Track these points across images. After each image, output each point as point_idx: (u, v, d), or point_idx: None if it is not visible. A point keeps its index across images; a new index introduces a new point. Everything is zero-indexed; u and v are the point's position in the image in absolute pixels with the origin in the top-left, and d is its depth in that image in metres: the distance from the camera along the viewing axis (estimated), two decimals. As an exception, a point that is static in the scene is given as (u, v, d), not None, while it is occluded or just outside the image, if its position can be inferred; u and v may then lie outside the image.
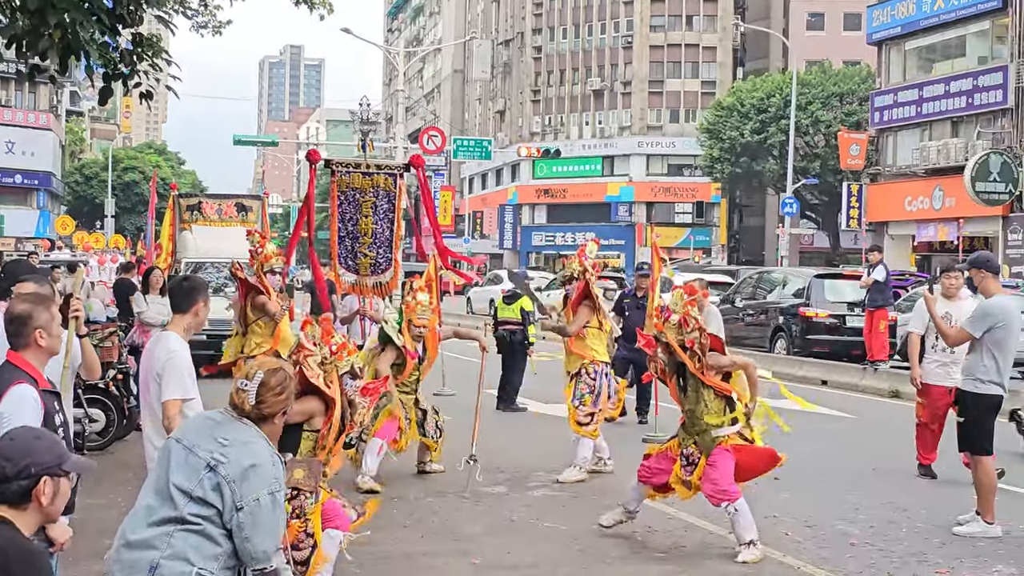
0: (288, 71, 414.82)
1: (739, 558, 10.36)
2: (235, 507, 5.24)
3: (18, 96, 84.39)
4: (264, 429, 5.56)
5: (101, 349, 15.88)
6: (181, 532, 5.22)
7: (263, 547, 5.33)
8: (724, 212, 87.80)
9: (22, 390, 6.32)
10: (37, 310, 6.57)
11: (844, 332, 27.93)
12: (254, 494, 5.28)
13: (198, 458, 5.33)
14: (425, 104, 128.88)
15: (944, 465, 14.42)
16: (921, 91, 54.27)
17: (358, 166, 14.49)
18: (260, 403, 5.54)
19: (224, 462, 5.29)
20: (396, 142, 55.03)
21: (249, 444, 5.41)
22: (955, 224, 45.95)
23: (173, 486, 5.29)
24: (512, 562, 10.34)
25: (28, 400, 6.30)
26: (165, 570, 5.16)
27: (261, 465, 5.37)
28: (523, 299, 20.69)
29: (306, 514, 8.61)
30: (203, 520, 5.24)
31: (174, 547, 5.19)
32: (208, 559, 5.22)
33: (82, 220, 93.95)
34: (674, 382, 11.03)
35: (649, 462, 11.23)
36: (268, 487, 5.34)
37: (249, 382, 5.56)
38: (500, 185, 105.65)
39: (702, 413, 10.76)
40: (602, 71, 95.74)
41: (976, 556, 10.79)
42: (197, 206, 26.56)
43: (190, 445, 5.40)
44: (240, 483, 5.26)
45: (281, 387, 5.60)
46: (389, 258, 14.33)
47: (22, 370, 6.43)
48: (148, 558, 5.19)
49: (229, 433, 5.43)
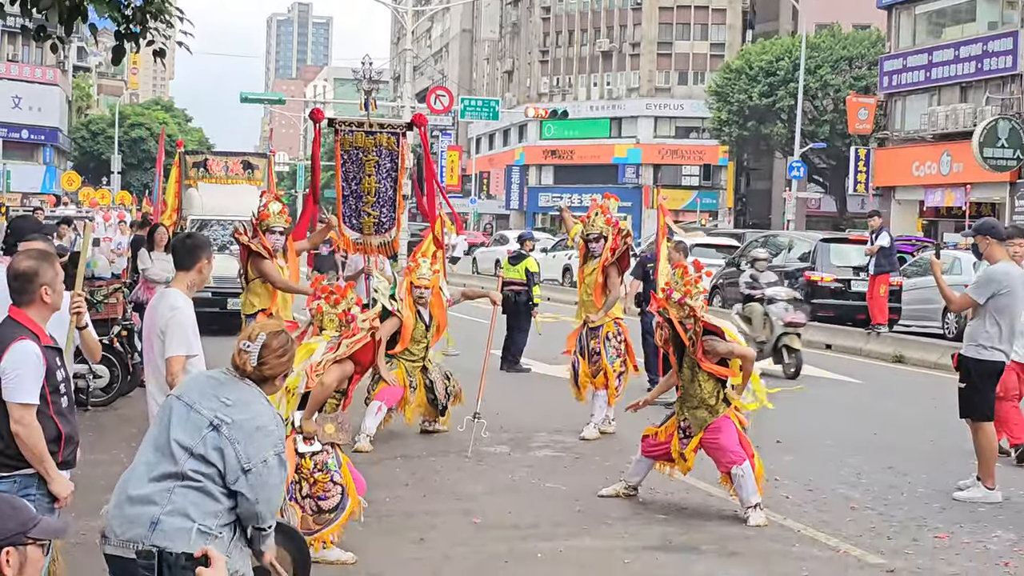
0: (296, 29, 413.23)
1: (750, 521, 10.41)
2: (241, 469, 5.28)
3: (25, 51, 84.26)
4: (265, 390, 5.59)
5: (105, 305, 15.91)
6: (181, 488, 5.25)
7: (269, 507, 5.39)
8: (731, 175, 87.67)
9: (25, 346, 6.35)
10: (43, 267, 6.57)
11: (849, 296, 27.88)
12: (261, 456, 5.33)
13: (201, 416, 5.36)
14: (433, 63, 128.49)
15: (944, 431, 14.44)
16: (930, 56, 54.02)
17: (361, 125, 14.45)
18: (262, 365, 5.57)
19: (228, 423, 5.33)
20: (403, 101, 54.82)
21: (252, 405, 5.45)
22: (962, 190, 45.79)
23: (174, 442, 5.32)
24: (513, 522, 10.38)
25: (31, 356, 6.33)
26: (165, 525, 5.19)
27: (266, 426, 5.42)
28: (527, 260, 20.69)
29: (329, 467, 8.88)
30: (203, 477, 5.27)
31: (174, 503, 5.23)
32: (208, 515, 5.25)
33: (88, 176, 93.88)
34: (675, 355, 11.05)
35: (649, 440, 11.26)
36: (274, 448, 5.40)
37: (251, 343, 5.58)
38: (507, 146, 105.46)
39: (696, 392, 10.81)
40: (611, 32, 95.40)
41: (975, 521, 10.82)
42: (203, 163, 26.53)
43: (191, 403, 5.42)
44: (246, 445, 5.30)
45: (283, 349, 5.62)
46: (392, 217, 14.31)
47: (24, 326, 6.45)
48: (149, 513, 5.22)
49: (232, 393, 5.46)
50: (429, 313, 14.13)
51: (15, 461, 6.32)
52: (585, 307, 14.72)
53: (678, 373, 10.98)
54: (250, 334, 5.59)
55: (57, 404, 6.49)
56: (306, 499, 8.84)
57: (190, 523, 5.20)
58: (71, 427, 6.61)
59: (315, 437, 8.83)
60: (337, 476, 8.95)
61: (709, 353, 10.66)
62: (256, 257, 13.15)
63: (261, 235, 13.29)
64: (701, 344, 10.63)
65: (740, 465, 10.59)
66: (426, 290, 13.91)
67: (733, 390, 10.87)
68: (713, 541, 9.91)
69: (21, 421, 6.25)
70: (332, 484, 8.90)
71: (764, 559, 9.44)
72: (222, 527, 5.29)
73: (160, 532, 5.19)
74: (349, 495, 9.01)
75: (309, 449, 8.82)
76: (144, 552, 5.11)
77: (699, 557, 9.49)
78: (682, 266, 11.04)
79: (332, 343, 9.04)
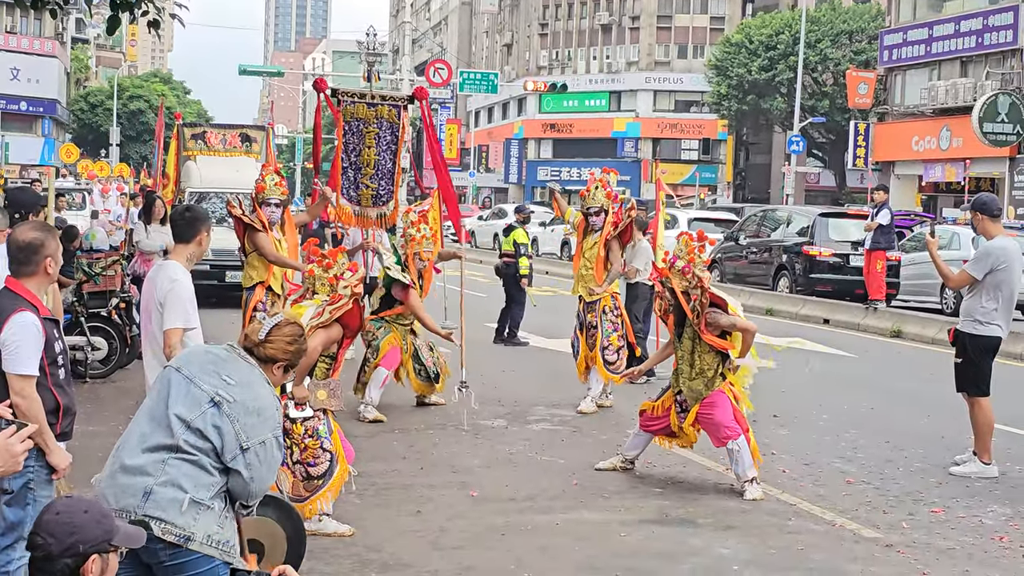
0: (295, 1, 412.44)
1: (747, 496, 10.46)
2: (240, 447, 5.31)
3: (23, 23, 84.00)
4: (268, 373, 5.60)
5: (104, 278, 15.91)
6: (175, 459, 5.27)
7: (262, 486, 5.43)
8: (730, 149, 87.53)
9: (24, 317, 6.37)
10: (48, 238, 6.59)
11: (847, 271, 27.89)
12: (260, 437, 5.36)
13: (201, 391, 5.37)
14: (432, 36, 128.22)
15: (941, 405, 14.46)
16: (931, 30, 53.92)
17: (363, 96, 14.44)
18: (267, 342, 5.60)
19: (230, 401, 5.35)
20: (402, 74, 54.74)
21: (254, 386, 5.47)
22: (962, 164, 45.76)
23: (173, 415, 5.33)
24: (510, 495, 10.41)
25: (30, 327, 6.35)
26: (158, 495, 5.21)
27: (266, 408, 5.44)
28: (516, 231, 20.61)
29: (319, 433, 8.93)
30: (197, 451, 5.29)
31: (168, 474, 5.25)
32: (200, 487, 5.27)
33: (87, 148, 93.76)
34: (673, 325, 11.03)
35: (647, 415, 11.27)
36: (272, 431, 5.43)
37: (269, 318, 5.64)
38: (506, 119, 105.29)
39: (695, 363, 10.79)
40: (610, 5, 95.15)
41: (971, 496, 10.86)
42: (201, 135, 26.50)
43: (191, 376, 5.43)
44: (246, 425, 5.33)
45: (293, 338, 5.66)
46: (390, 190, 14.30)
47: (23, 297, 6.46)
48: (142, 484, 5.24)
49: (234, 372, 5.47)
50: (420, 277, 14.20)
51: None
52: (584, 281, 14.67)
53: (676, 344, 10.96)
54: (272, 312, 5.65)
55: (55, 376, 6.52)
56: (296, 465, 8.88)
57: (183, 494, 5.22)
58: (68, 399, 6.63)
59: (306, 403, 8.87)
60: (327, 443, 8.99)
61: (711, 325, 10.67)
62: (251, 230, 13.14)
63: (258, 208, 13.28)
64: (705, 316, 10.64)
65: (735, 440, 10.61)
66: (424, 261, 14.02)
67: (731, 363, 10.86)
68: (710, 515, 9.94)
69: (21, 393, 6.27)
70: (322, 451, 8.94)
71: (760, 533, 9.47)
72: (213, 498, 5.32)
73: (153, 502, 5.21)
74: (338, 462, 9.04)
75: (300, 415, 8.85)
76: (137, 522, 5.12)
77: (696, 531, 9.51)
78: (687, 235, 11.00)
79: (319, 308, 9.05)
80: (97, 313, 15.66)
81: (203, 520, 5.26)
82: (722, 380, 10.81)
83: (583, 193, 14.77)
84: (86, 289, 15.70)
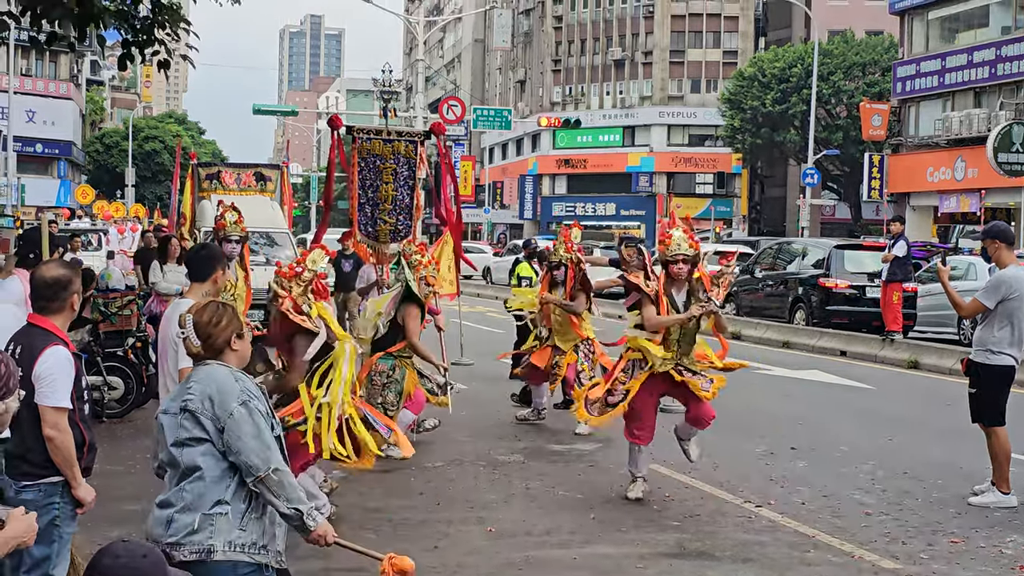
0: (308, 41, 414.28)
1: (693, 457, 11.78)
2: (218, 430, 5.46)
3: (39, 65, 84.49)
4: (228, 360, 5.70)
5: (119, 317, 15.96)
6: (189, 484, 5.47)
7: (253, 455, 5.45)
8: (745, 183, 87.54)
9: (58, 351, 6.42)
10: (74, 276, 6.71)
11: (863, 303, 27.85)
12: (227, 411, 5.47)
13: (176, 411, 5.56)
14: (445, 74, 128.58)
15: (958, 436, 14.41)
16: (944, 61, 53.98)
17: (379, 132, 14.50)
18: (206, 340, 5.68)
19: (191, 398, 5.51)
20: (416, 112, 54.93)
21: (210, 376, 5.60)
22: (977, 195, 45.70)
23: (172, 447, 5.54)
24: (527, 530, 10.38)
25: (63, 361, 6.42)
26: (178, 522, 5.43)
27: (222, 383, 5.55)
28: (521, 265, 20.62)
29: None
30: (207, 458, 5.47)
31: (184, 499, 5.46)
32: (213, 497, 5.44)
33: (103, 189, 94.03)
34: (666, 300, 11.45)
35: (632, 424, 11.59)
36: (237, 399, 5.52)
37: (184, 330, 5.72)
38: (520, 155, 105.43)
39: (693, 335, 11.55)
40: (623, 41, 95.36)
41: (990, 526, 10.81)
42: (216, 175, 26.56)
43: (169, 409, 5.63)
44: (212, 407, 5.47)
45: (215, 317, 5.72)
46: (408, 225, 14.35)
47: (53, 333, 6.52)
48: (166, 515, 5.47)
49: (194, 376, 5.64)
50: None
51: (40, 469, 6.37)
52: (556, 334, 15.59)
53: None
54: (181, 323, 5.71)
55: (82, 411, 6.60)
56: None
57: (194, 515, 5.41)
58: (92, 434, 6.69)
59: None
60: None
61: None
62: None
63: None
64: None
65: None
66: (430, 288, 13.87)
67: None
68: (728, 548, 9.91)
69: (56, 426, 6.31)
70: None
71: (779, 565, 9.43)
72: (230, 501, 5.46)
73: (173, 529, 5.42)
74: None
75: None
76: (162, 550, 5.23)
77: (714, 563, 9.49)
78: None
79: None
80: (113, 353, 15.70)
81: (221, 528, 5.40)
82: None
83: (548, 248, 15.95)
84: (102, 329, 15.74)
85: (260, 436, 5.49)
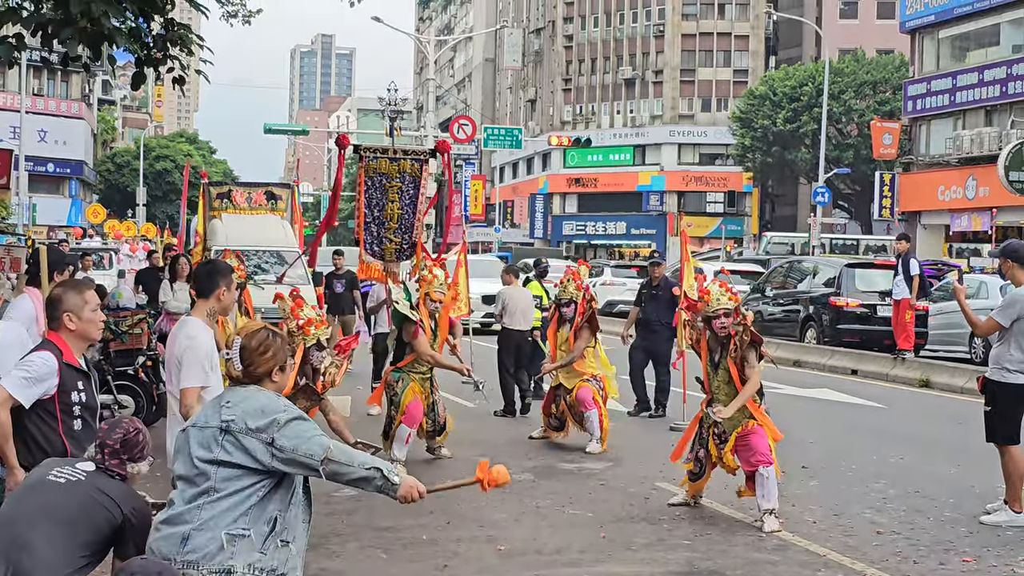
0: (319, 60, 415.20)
1: (764, 528, 10.89)
2: (267, 444, 5.34)
3: (50, 85, 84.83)
4: (268, 387, 5.62)
5: (130, 336, 15.96)
6: (209, 503, 5.35)
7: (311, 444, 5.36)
8: (756, 201, 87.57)
9: (43, 355, 6.70)
10: (68, 294, 6.89)
11: (874, 321, 27.80)
12: (273, 419, 5.39)
13: (212, 428, 5.45)
14: (456, 93, 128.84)
15: (970, 455, 14.36)
16: (955, 80, 53.97)
17: (385, 151, 14.51)
18: (248, 366, 5.60)
19: (233, 419, 5.42)
20: (427, 131, 55.03)
21: (251, 398, 5.52)
22: (988, 214, 45.64)
23: (197, 460, 5.41)
24: (537, 548, 10.34)
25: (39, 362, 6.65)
26: (195, 540, 5.31)
27: (268, 404, 5.47)
28: (532, 284, 20.57)
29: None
30: (232, 482, 5.36)
31: (202, 517, 5.33)
32: (239, 519, 5.34)
33: (114, 208, 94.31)
34: (707, 355, 11.55)
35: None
36: (282, 410, 5.45)
37: (230, 351, 5.65)
38: (531, 174, 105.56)
39: (731, 392, 11.39)
40: (633, 60, 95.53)
41: (1003, 545, 10.75)
42: (227, 194, 26.59)
43: (202, 423, 5.52)
44: (257, 425, 5.37)
45: (263, 346, 5.63)
46: (413, 244, 14.35)
47: (54, 344, 6.78)
48: (180, 531, 5.34)
49: (232, 397, 5.55)
50: (435, 324, 14.10)
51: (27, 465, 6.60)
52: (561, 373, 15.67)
53: (712, 375, 11.60)
54: (228, 342, 5.66)
55: (67, 423, 6.74)
56: None
57: (218, 532, 5.30)
58: (81, 451, 6.72)
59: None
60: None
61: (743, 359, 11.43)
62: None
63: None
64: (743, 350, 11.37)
65: (767, 467, 11.11)
66: (439, 304, 13.96)
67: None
68: (738, 566, 9.87)
69: None
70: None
71: (790, 584, 9.39)
72: (254, 525, 5.36)
73: (191, 547, 5.31)
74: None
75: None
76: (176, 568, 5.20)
77: (724, 583, 9.45)
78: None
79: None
80: (124, 371, 15.70)
81: (242, 550, 5.31)
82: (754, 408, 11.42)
83: (557, 285, 16.10)
84: (113, 347, 15.74)
85: (312, 427, 5.43)
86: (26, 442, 6.68)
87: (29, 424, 6.69)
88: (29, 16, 11.82)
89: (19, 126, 62.68)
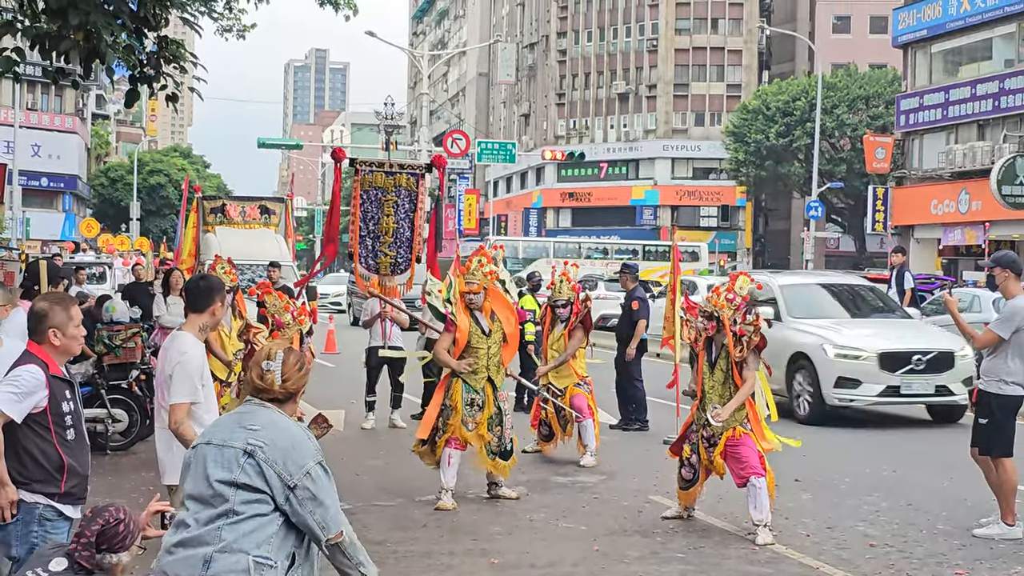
0: (313, 75, 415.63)
1: (758, 540, 10.92)
2: (287, 487, 5.22)
3: (44, 99, 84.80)
4: (287, 410, 5.54)
5: (124, 350, 15.95)
6: (230, 524, 5.18)
7: (329, 515, 5.29)
8: (749, 216, 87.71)
9: (29, 368, 6.70)
10: (54, 310, 6.88)
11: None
12: (304, 469, 5.25)
13: (232, 448, 5.29)
14: (450, 107, 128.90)
15: (963, 468, 14.38)
16: (947, 94, 54.06)
17: (381, 165, 14.53)
18: (286, 381, 5.50)
19: (261, 446, 5.26)
20: (420, 145, 55.07)
21: (279, 424, 5.37)
22: (981, 228, 45.72)
23: (216, 483, 5.25)
24: (530, 562, 10.36)
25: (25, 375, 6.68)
26: (219, 562, 5.14)
27: (299, 442, 5.34)
28: (525, 298, 20.51)
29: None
30: (252, 505, 5.21)
31: (225, 539, 5.16)
32: (262, 545, 5.18)
33: (108, 223, 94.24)
34: (704, 354, 11.57)
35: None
36: (313, 459, 5.32)
37: (272, 362, 5.54)
38: (525, 188, 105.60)
39: (724, 394, 11.40)
40: (627, 74, 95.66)
41: (995, 558, 10.77)
42: (221, 208, 26.67)
43: (222, 442, 5.34)
44: (286, 463, 5.24)
45: (300, 363, 5.57)
46: (408, 258, 14.35)
47: (37, 356, 6.78)
48: (201, 553, 5.16)
49: (256, 419, 5.37)
50: (489, 319, 12.89)
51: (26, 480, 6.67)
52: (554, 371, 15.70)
53: (707, 375, 11.57)
54: (268, 354, 5.56)
55: (61, 435, 6.75)
56: None
57: (244, 556, 5.15)
58: (76, 461, 6.75)
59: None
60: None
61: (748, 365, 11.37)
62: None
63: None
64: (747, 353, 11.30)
65: (759, 478, 11.10)
66: (476, 295, 12.68)
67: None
68: (732, 579, 9.89)
69: None
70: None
71: (783, 597, 9.40)
72: (277, 555, 5.22)
73: (213, 570, 5.14)
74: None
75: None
76: None
77: (718, 595, 9.46)
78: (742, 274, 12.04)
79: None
80: (118, 385, 15.71)
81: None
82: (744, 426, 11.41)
83: (549, 286, 15.98)
84: (107, 361, 15.74)
85: (334, 496, 5.35)
86: (21, 457, 6.67)
87: (24, 439, 6.68)
88: (27, 28, 11.83)
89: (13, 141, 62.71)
